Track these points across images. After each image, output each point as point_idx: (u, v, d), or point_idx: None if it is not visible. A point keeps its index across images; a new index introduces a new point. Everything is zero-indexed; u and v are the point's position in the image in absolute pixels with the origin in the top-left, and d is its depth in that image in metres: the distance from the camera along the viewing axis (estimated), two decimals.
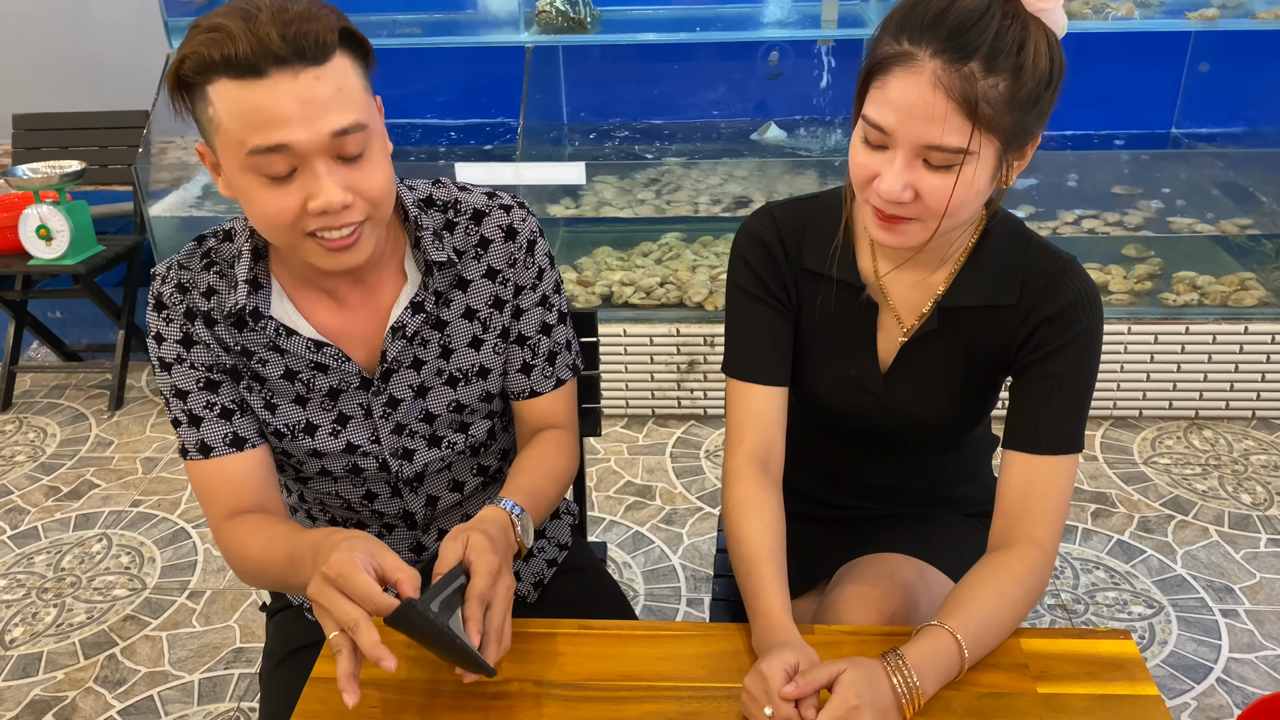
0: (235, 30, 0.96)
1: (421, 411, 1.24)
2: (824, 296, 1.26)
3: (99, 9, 3.69)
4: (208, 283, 1.16)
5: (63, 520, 2.70)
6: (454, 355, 1.24)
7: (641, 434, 3.01)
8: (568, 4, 3.03)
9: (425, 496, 1.31)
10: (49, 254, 2.99)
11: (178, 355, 1.16)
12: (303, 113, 0.98)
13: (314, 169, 1.01)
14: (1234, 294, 2.93)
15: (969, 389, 1.27)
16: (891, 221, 1.09)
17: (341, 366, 1.19)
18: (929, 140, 1.01)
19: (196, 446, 1.18)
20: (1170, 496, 2.62)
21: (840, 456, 1.40)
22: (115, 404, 3.24)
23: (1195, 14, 2.89)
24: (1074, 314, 1.15)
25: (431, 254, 1.18)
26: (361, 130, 1.03)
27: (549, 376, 1.29)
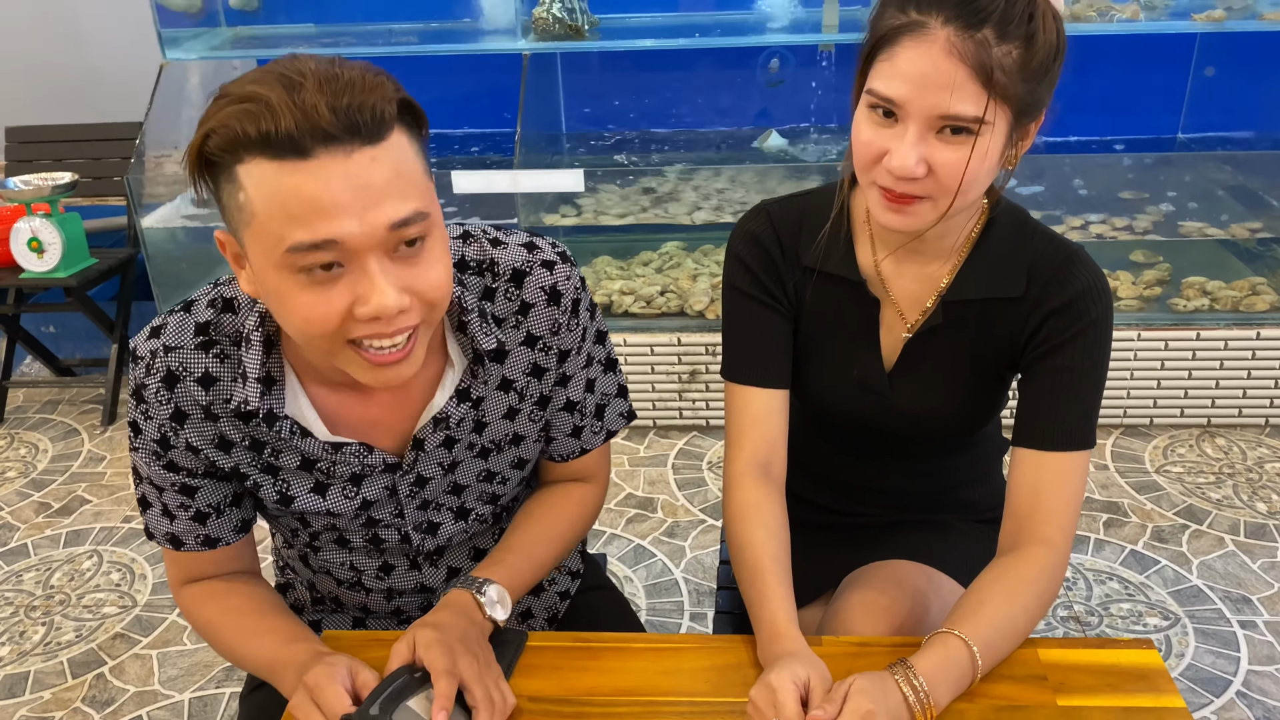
0: (275, 101, 0.80)
1: (450, 485, 1.13)
2: (824, 293, 1.21)
3: (92, 21, 3.66)
4: (205, 368, 1.00)
5: (53, 537, 2.64)
6: (488, 429, 1.11)
7: (643, 445, 2.95)
8: (564, 11, 2.99)
9: (446, 569, 1.21)
10: (41, 267, 2.95)
11: (154, 452, 1.03)
12: (356, 201, 0.82)
13: (365, 267, 0.85)
14: (1245, 299, 2.88)
15: (976, 386, 1.22)
16: (901, 201, 1.04)
17: (365, 459, 1.06)
18: (944, 110, 0.97)
19: (166, 538, 1.09)
20: (1184, 505, 2.57)
21: (845, 461, 1.35)
22: (108, 419, 3.19)
23: (1201, 15, 2.85)
24: (1083, 304, 1.11)
25: (481, 342, 1.02)
26: (423, 220, 0.86)
27: (598, 432, 1.20)
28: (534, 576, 1.16)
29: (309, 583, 1.27)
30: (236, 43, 3.24)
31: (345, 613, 1.28)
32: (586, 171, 2.86)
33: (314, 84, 0.81)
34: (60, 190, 2.94)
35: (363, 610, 1.26)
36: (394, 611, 1.25)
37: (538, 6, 3.01)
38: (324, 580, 1.23)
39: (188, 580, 1.13)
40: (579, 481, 1.24)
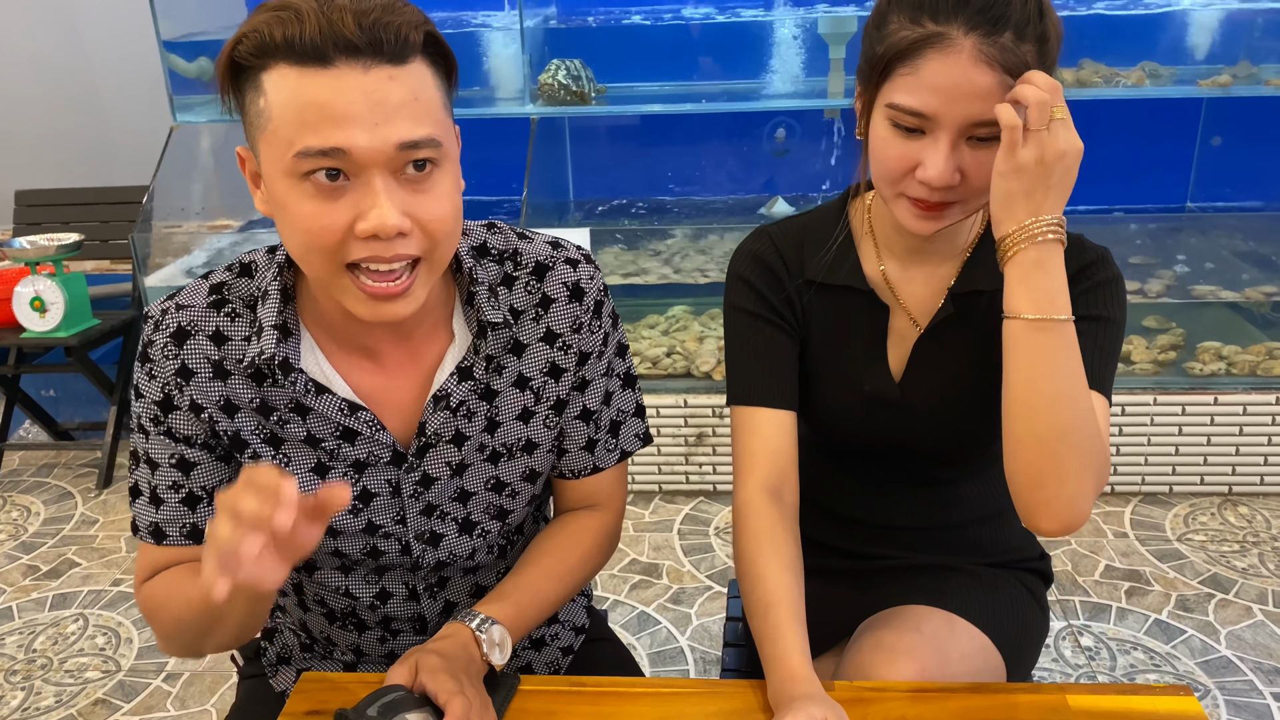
0: (305, 9, 0.82)
1: (457, 490, 1.07)
2: (831, 306, 1.19)
3: (105, 88, 3.71)
4: (215, 326, 0.99)
5: (39, 600, 2.57)
6: (500, 429, 1.06)
7: (648, 510, 2.88)
8: (570, 78, 3.02)
9: (444, 603, 1.14)
10: (42, 326, 2.93)
11: (155, 418, 1.00)
12: (369, 114, 0.83)
13: (370, 183, 0.85)
14: (1262, 363, 2.82)
15: (986, 386, 1.17)
16: (934, 209, 1.03)
17: (374, 436, 1.01)
18: (977, 118, 0.97)
19: (149, 529, 1.03)
20: (1208, 574, 2.47)
21: (858, 495, 1.30)
22: (104, 482, 3.13)
23: (1207, 81, 2.86)
24: (1094, 269, 1.11)
25: (486, 313, 1.00)
26: (434, 147, 0.86)
27: (612, 450, 1.14)
28: (539, 615, 1.10)
29: (299, 623, 1.20)
30: None
31: (335, 659, 1.21)
32: (593, 232, 2.84)
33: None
34: (65, 250, 2.93)
35: (355, 652, 1.18)
36: (388, 655, 1.17)
37: (543, 73, 3.04)
38: (315, 619, 1.17)
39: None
40: (591, 510, 1.17)
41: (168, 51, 2.98)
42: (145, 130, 3.67)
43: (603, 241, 3.20)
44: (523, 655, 1.23)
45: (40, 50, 3.69)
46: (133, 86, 3.67)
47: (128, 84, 3.67)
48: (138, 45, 3.59)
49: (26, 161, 3.69)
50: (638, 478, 2.95)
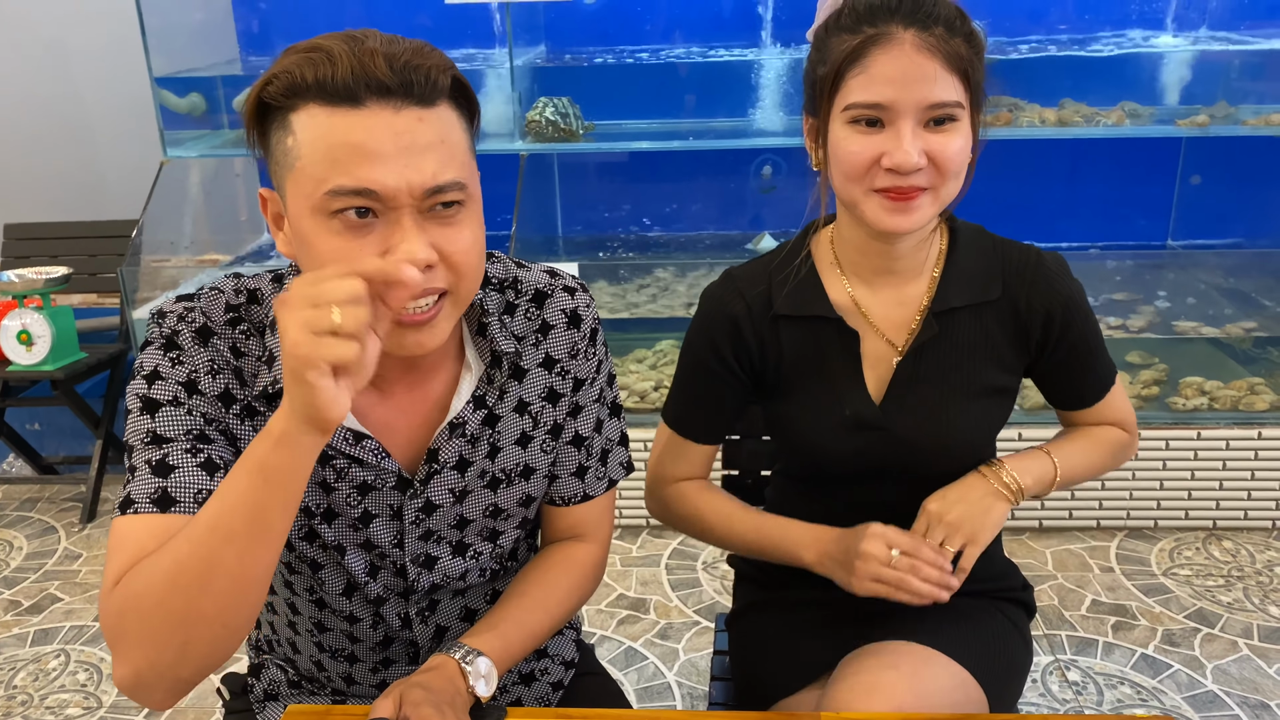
0: (336, 51, 0.84)
1: (456, 518, 1.08)
2: (802, 338, 1.23)
3: (96, 122, 3.73)
4: (233, 341, 0.99)
5: (20, 635, 2.54)
6: (500, 454, 1.08)
7: (635, 545, 2.87)
8: (557, 115, 3.05)
9: (435, 627, 1.15)
10: (29, 359, 2.92)
11: (174, 397, 0.95)
12: (398, 155, 0.84)
13: (399, 221, 0.86)
14: (1244, 398, 2.85)
15: (971, 403, 1.22)
16: (905, 198, 1.09)
17: (379, 464, 1.02)
18: (931, 99, 1.06)
19: (152, 496, 0.91)
20: (1194, 609, 2.48)
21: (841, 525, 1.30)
22: (88, 516, 3.11)
23: (1186, 121, 2.91)
24: (1070, 300, 1.21)
25: (500, 343, 1.03)
26: (460, 190, 0.88)
27: (601, 478, 1.16)
28: (526, 647, 1.10)
29: (288, 653, 1.20)
30: (238, 143, 3.29)
31: (324, 694, 1.20)
32: (581, 267, 2.86)
33: (376, 42, 0.85)
34: (53, 284, 2.93)
35: (346, 680, 1.18)
36: (379, 685, 1.17)
37: (531, 110, 3.07)
38: (307, 645, 1.16)
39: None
40: (577, 541, 1.18)
41: (159, 87, 3.00)
42: (134, 165, 3.69)
43: (591, 276, 3.21)
44: (512, 690, 1.23)
45: (30, 85, 3.71)
46: (122, 122, 3.69)
47: (117, 119, 3.69)
48: (127, 81, 3.62)
49: (16, 195, 3.69)
50: (625, 512, 2.94)
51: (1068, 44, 3.09)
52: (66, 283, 2.97)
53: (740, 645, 1.38)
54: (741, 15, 3.29)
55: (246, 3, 3.39)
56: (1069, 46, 3.06)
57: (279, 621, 1.18)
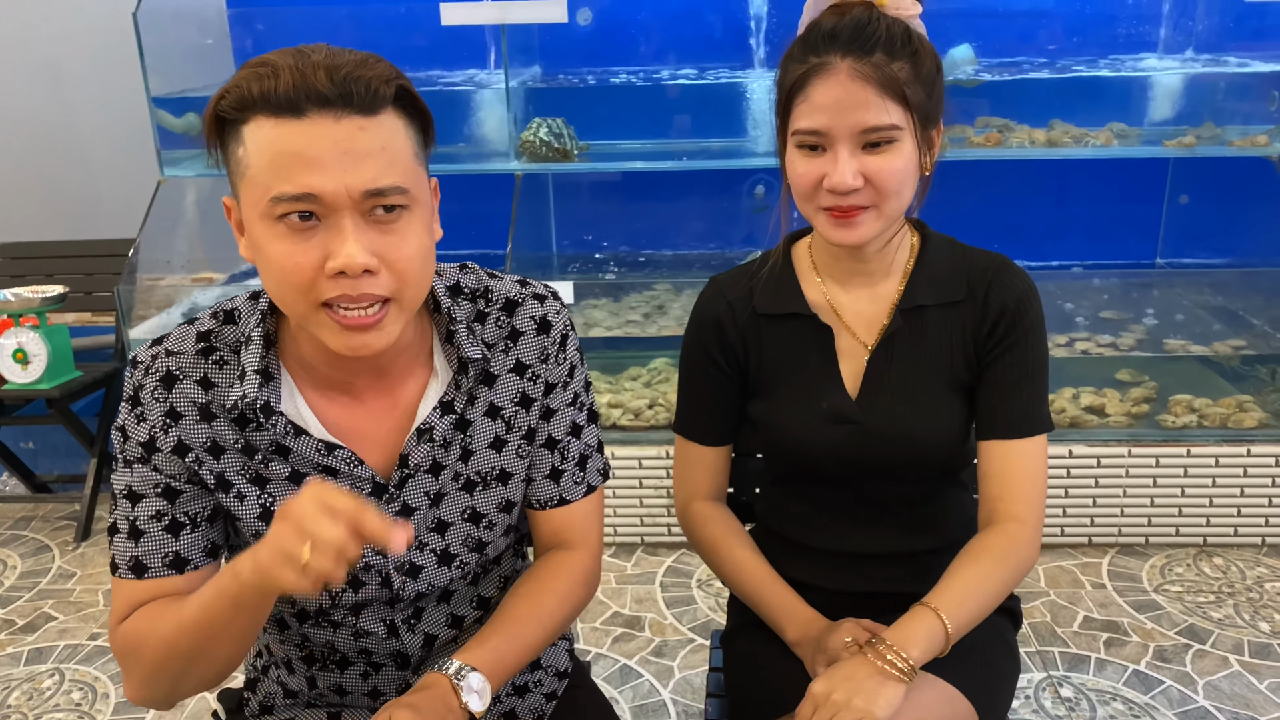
0: (281, 65, 0.89)
1: (434, 521, 1.11)
2: (781, 335, 1.30)
3: (91, 141, 3.75)
4: (204, 372, 1.03)
5: (14, 655, 2.53)
6: (474, 458, 1.11)
7: (630, 563, 2.88)
8: (551, 135, 3.08)
9: (423, 636, 1.16)
10: (24, 378, 2.93)
11: (139, 457, 1.03)
12: (338, 161, 0.88)
13: (340, 224, 0.90)
14: (1233, 416, 2.88)
15: (939, 395, 1.27)
16: (847, 215, 1.16)
17: (353, 471, 1.05)
18: (864, 124, 1.13)
19: (129, 564, 1.03)
20: (1185, 625, 2.50)
21: (824, 525, 1.35)
22: (82, 535, 3.11)
23: (1173, 141, 2.95)
24: (1024, 305, 1.25)
25: (467, 350, 1.06)
26: (400, 194, 0.92)
27: (580, 483, 1.18)
28: (520, 660, 1.11)
29: (280, 676, 1.20)
30: None
31: (320, 707, 1.21)
32: (576, 286, 2.88)
33: (321, 56, 0.90)
34: (49, 303, 2.94)
35: (338, 692, 1.19)
36: (371, 692, 1.18)
37: (525, 131, 3.10)
38: (296, 660, 1.17)
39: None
40: (567, 550, 1.19)
41: (156, 108, 3.02)
42: (129, 184, 3.71)
43: (586, 295, 3.24)
44: (506, 701, 1.23)
45: (26, 104, 3.73)
46: (117, 141, 3.71)
47: (112, 139, 3.71)
48: (122, 101, 3.64)
49: (10, 214, 3.71)
50: (619, 530, 2.95)
51: (1057, 66, 3.13)
52: (63, 301, 2.98)
53: (735, 663, 1.40)
54: (733, 37, 3.32)
55: (243, 23, 3.42)
56: (1058, 68, 3.10)
57: (270, 639, 1.19)
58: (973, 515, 1.37)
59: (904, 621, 1.15)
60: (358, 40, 3.33)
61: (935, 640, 1.13)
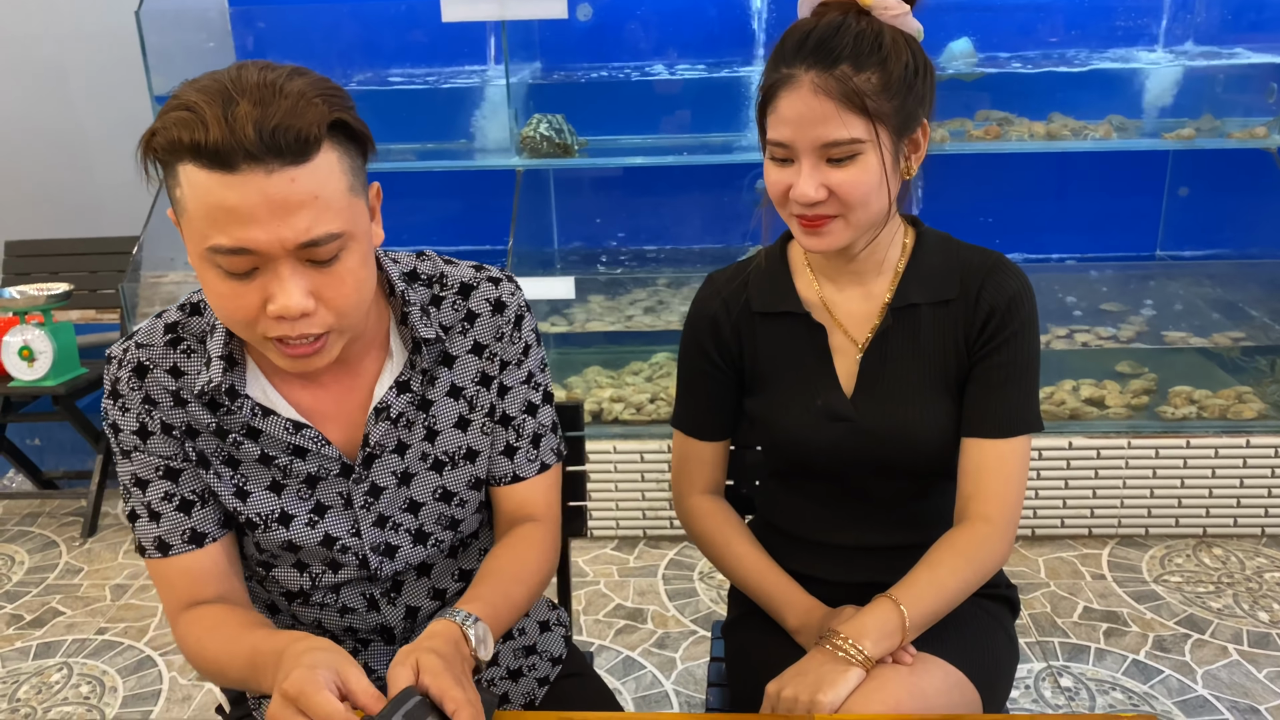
0: (209, 116, 0.87)
1: (405, 501, 1.15)
2: (776, 334, 1.32)
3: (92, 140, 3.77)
4: (173, 361, 1.08)
5: (23, 649, 2.56)
6: (439, 437, 1.15)
7: (632, 555, 2.90)
8: (552, 131, 3.09)
9: (404, 608, 1.20)
10: (30, 375, 2.95)
11: (135, 445, 1.09)
12: (271, 215, 0.89)
13: (277, 271, 0.93)
14: (1232, 407, 2.89)
15: (932, 394, 1.28)
16: (815, 224, 1.18)
17: (321, 450, 1.10)
18: (824, 139, 1.13)
19: (154, 544, 1.10)
20: (1185, 615, 2.51)
21: (821, 519, 1.37)
22: (89, 531, 3.13)
23: (1171, 134, 2.96)
24: (1017, 304, 1.25)
25: (420, 330, 1.10)
26: (334, 240, 0.94)
27: (533, 460, 1.21)
28: (511, 618, 1.13)
29: None
30: None
31: None
32: (577, 281, 2.90)
33: (249, 102, 0.88)
34: (55, 300, 2.96)
35: None
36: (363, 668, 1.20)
37: (525, 127, 3.11)
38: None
39: (184, 605, 1.11)
40: (531, 522, 1.22)
41: (159, 106, 3.03)
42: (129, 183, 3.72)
43: (587, 289, 3.25)
44: (500, 685, 1.25)
45: (27, 104, 3.75)
46: (119, 142, 3.73)
47: (113, 137, 3.73)
48: (122, 100, 3.67)
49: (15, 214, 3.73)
50: (622, 523, 2.97)
51: (1056, 59, 3.14)
52: (68, 299, 3.00)
53: (736, 652, 1.41)
54: (732, 32, 3.33)
55: (244, 22, 3.43)
56: (1058, 62, 3.11)
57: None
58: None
59: (862, 613, 1.17)
60: (358, 38, 3.35)
61: (891, 632, 1.15)
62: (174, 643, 2.52)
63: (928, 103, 1.21)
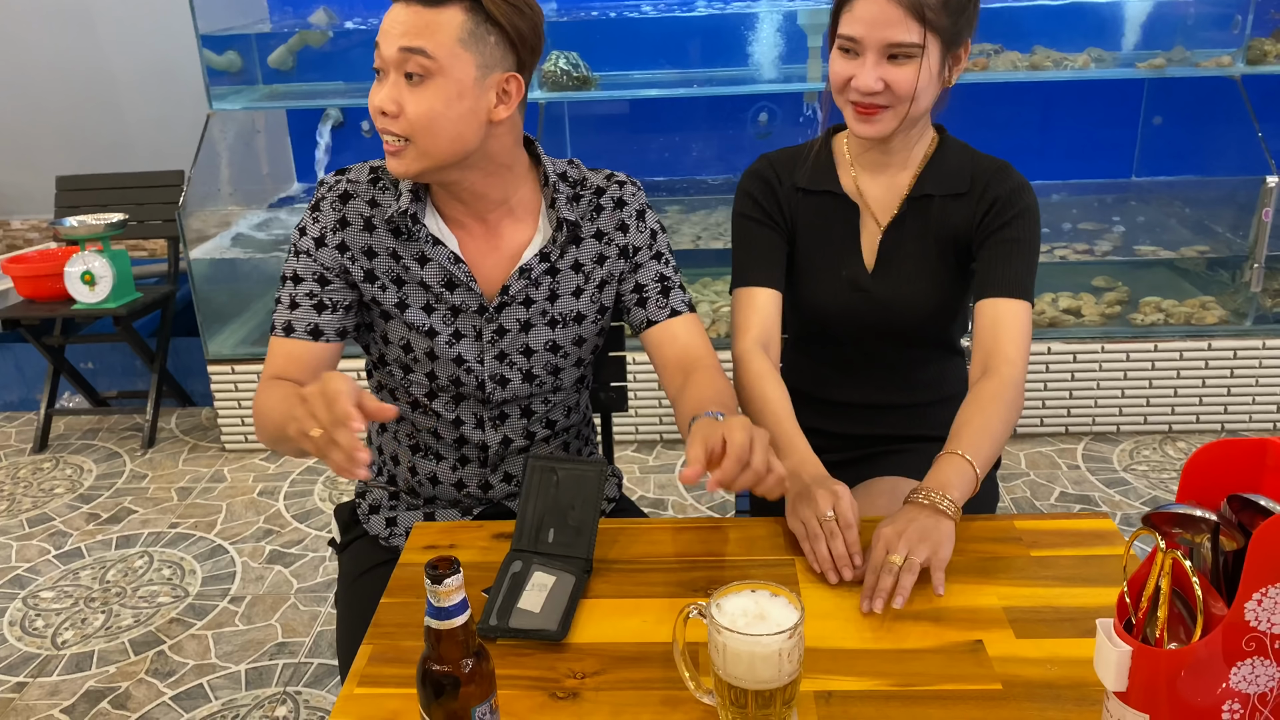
0: None
1: (522, 345, 1.41)
2: (814, 209, 1.54)
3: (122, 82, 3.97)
4: (372, 195, 1.37)
5: (104, 541, 2.83)
6: (559, 301, 1.41)
7: (651, 456, 3.18)
8: (570, 65, 3.31)
9: (502, 436, 1.46)
10: (92, 298, 3.19)
11: (308, 249, 1.37)
12: (393, 30, 1.23)
13: (386, 75, 1.25)
14: (1195, 314, 3.16)
15: (940, 274, 1.52)
16: (869, 112, 1.40)
17: (468, 285, 1.36)
18: (890, 39, 1.34)
19: (282, 325, 1.37)
20: (1150, 496, 2.81)
21: (839, 380, 1.61)
22: (148, 444, 3.39)
23: (1145, 64, 3.20)
24: (1018, 194, 1.46)
25: (565, 213, 1.37)
26: (423, 57, 1.22)
27: (663, 307, 1.43)
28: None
29: (388, 471, 1.52)
30: (273, 96, 3.54)
31: (416, 509, 1.51)
32: None
33: None
34: (112, 229, 3.19)
35: (432, 481, 1.49)
36: (457, 484, 1.48)
37: (545, 62, 3.32)
38: (403, 450, 1.49)
39: (275, 376, 1.35)
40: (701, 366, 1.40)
41: (204, 45, 3.24)
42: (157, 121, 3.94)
43: None
44: None
45: (58, 49, 3.94)
46: (145, 81, 3.94)
47: (140, 79, 3.94)
48: (150, 43, 3.87)
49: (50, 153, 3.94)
50: (641, 429, 3.25)
51: None
52: (124, 228, 3.23)
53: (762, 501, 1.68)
54: None
55: None
56: None
57: (384, 438, 1.52)
58: (963, 376, 1.64)
59: (937, 469, 1.27)
60: None
61: (967, 479, 1.26)
62: (242, 534, 2.81)
63: (972, 26, 1.42)
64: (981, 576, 1.20)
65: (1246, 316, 3.15)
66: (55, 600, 2.56)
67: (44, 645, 2.38)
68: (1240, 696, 0.81)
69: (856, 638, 1.10)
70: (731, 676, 0.93)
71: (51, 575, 2.67)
